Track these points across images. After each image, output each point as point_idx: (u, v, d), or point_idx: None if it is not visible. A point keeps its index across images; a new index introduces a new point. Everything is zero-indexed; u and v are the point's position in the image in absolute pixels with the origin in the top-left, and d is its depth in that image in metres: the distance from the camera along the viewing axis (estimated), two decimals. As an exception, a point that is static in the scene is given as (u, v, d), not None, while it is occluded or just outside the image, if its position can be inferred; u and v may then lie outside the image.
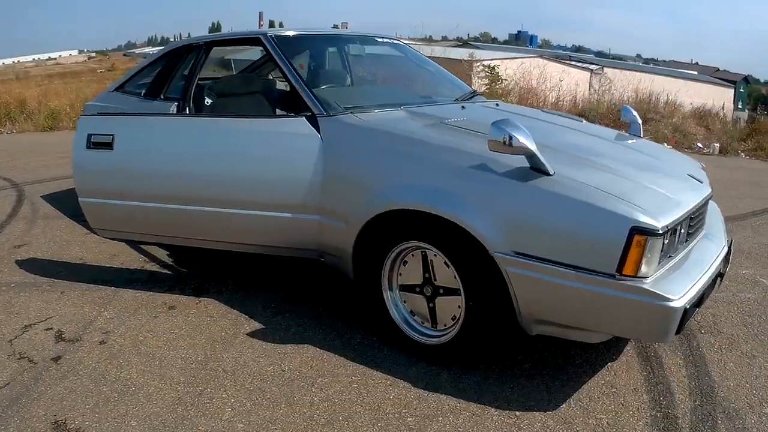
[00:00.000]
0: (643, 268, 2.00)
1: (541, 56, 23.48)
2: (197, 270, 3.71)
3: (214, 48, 3.80)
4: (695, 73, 36.77)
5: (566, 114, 4.07)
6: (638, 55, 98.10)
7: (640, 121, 3.36)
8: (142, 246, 4.01)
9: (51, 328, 2.92)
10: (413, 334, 2.55)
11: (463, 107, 3.28)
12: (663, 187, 2.32)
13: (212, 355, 2.69)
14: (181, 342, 2.80)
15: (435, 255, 2.38)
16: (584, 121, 3.56)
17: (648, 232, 1.98)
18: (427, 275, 2.46)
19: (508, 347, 2.64)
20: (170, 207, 3.09)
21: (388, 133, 2.61)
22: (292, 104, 3.04)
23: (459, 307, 2.36)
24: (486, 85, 10.91)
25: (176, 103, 3.69)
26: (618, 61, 44.63)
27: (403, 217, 2.39)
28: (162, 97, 3.91)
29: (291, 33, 3.49)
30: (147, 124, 3.23)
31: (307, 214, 2.73)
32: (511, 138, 2.12)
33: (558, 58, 26.74)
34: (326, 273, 3.45)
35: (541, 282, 2.11)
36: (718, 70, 46.07)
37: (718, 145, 9.14)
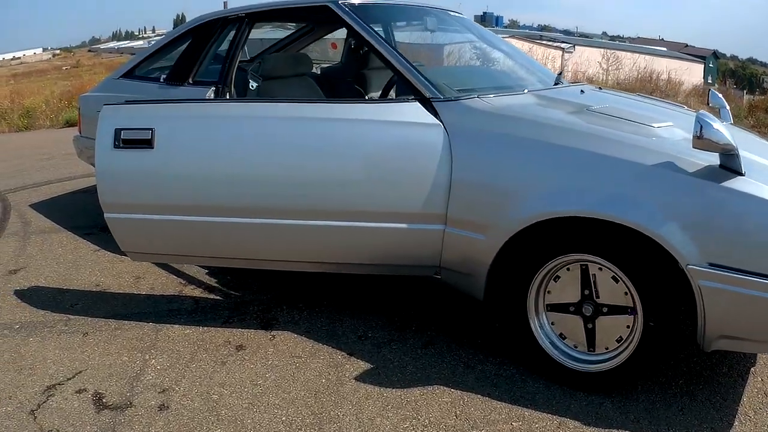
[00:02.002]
0: None
1: (512, 36, 23.01)
2: (251, 291, 2.94)
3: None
4: (665, 49, 36.75)
5: (667, 100, 3.44)
6: (604, 33, 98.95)
7: (728, 107, 3.05)
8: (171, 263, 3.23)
9: (84, 389, 2.14)
10: (565, 360, 2.13)
11: (582, 91, 2.83)
12: None
13: (322, 413, 1.96)
14: (272, 398, 2.06)
15: (600, 269, 2.01)
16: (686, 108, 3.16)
17: None
18: (586, 292, 2.05)
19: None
20: (245, 222, 2.35)
21: (534, 123, 2.14)
22: (373, 86, 2.34)
23: (628, 327, 2.02)
24: None
25: (213, 89, 2.98)
26: (586, 38, 44.48)
27: (565, 226, 1.99)
28: (191, 81, 3.17)
29: (366, 1, 2.77)
30: (205, 114, 2.42)
31: (427, 224, 2.20)
32: (716, 134, 1.80)
33: (529, 38, 26.24)
34: (412, 288, 2.75)
35: (738, 296, 1.82)
36: (687, 45, 46.38)
37: (724, 123, 8.72)
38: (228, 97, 2.98)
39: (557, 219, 1.97)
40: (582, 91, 2.87)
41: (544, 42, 25.38)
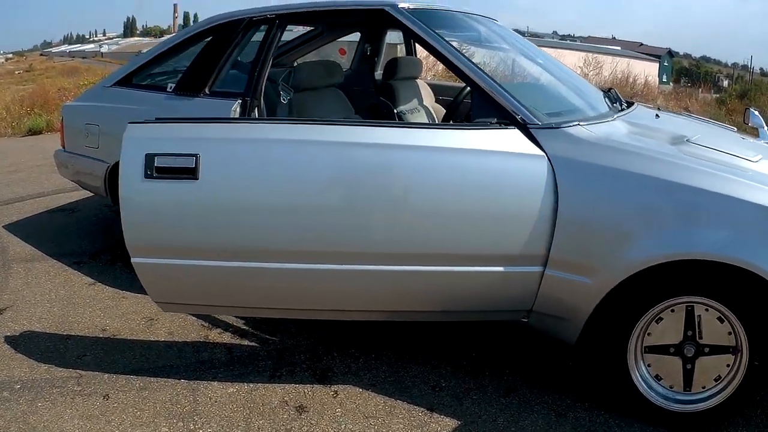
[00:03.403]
0: None
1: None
2: (289, 335, 2.58)
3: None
4: (619, 48, 37.40)
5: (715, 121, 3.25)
6: (554, 32, 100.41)
7: (766, 127, 2.94)
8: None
9: (123, 477, 1.74)
10: (662, 402, 2.02)
11: (657, 116, 2.67)
12: None
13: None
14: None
15: (707, 309, 1.90)
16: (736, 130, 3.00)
17: None
18: (689, 333, 1.95)
19: None
20: (316, 268, 1.99)
21: (644, 156, 1.95)
22: (402, 99, 2.40)
23: (728, 366, 1.95)
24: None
25: (239, 101, 2.59)
26: (537, 38, 44.74)
27: (679, 268, 1.86)
28: (207, 91, 2.76)
29: (427, 6, 2.48)
30: (265, 137, 2.01)
31: (525, 266, 1.98)
32: None
33: None
34: (464, 326, 2.45)
35: None
36: (642, 44, 47.44)
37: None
38: (256, 113, 2.61)
39: (671, 262, 1.83)
40: (657, 115, 2.69)
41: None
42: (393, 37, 4.85)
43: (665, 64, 39.60)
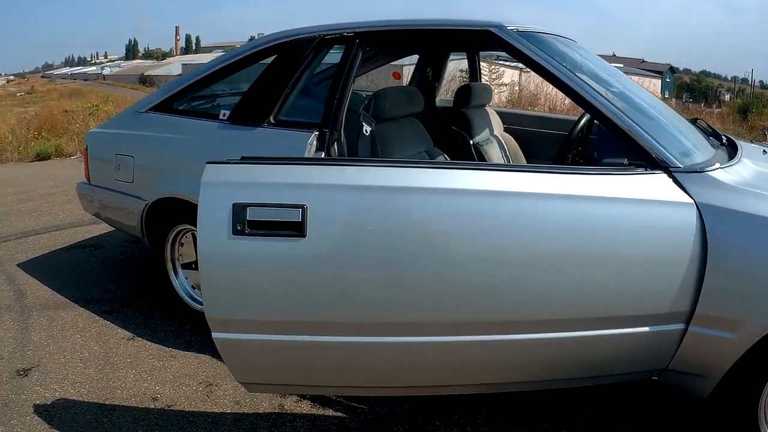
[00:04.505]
0: None
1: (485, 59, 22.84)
2: (377, 401, 2.17)
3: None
4: (622, 65, 37.68)
5: None
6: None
7: None
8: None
9: None
10: None
11: (765, 151, 2.41)
12: None
13: None
14: None
15: None
16: None
17: None
18: None
19: None
20: (445, 340, 1.64)
21: None
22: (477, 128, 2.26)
23: None
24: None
25: (316, 133, 2.22)
26: None
27: None
28: (272, 121, 2.37)
29: (532, 29, 2.18)
30: (398, 186, 1.62)
31: (668, 324, 1.76)
32: None
33: (489, 59, 26.15)
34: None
35: None
36: (644, 61, 47.82)
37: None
38: (336, 147, 2.23)
39: None
40: (765, 151, 2.40)
41: (500, 62, 25.21)
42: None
43: (667, 80, 39.90)
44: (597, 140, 2.34)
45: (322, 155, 2.20)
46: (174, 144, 2.70)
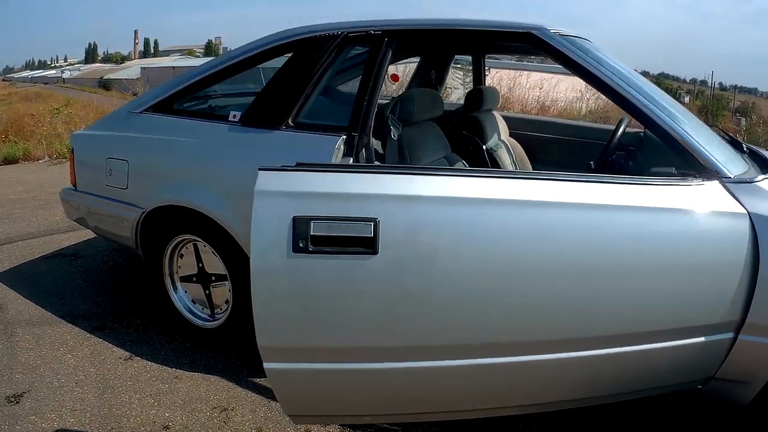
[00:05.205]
0: None
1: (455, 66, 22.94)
2: (404, 423, 2.03)
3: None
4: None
5: None
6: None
7: None
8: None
9: None
10: None
11: None
12: None
13: None
14: None
15: None
16: None
17: None
18: None
19: None
20: (514, 361, 1.52)
21: None
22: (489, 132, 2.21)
23: None
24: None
25: (343, 137, 2.08)
26: (515, 62, 45.43)
27: None
28: (291, 123, 2.21)
29: (572, 33, 2.09)
30: (477, 197, 1.48)
31: (719, 334, 1.74)
32: None
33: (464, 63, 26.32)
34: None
35: None
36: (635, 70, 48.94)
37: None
38: (364, 152, 2.09)
39: None
40: None
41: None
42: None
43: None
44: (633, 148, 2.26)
45: (350, 161, 2.05)
46: (177, 147, 2.51)
